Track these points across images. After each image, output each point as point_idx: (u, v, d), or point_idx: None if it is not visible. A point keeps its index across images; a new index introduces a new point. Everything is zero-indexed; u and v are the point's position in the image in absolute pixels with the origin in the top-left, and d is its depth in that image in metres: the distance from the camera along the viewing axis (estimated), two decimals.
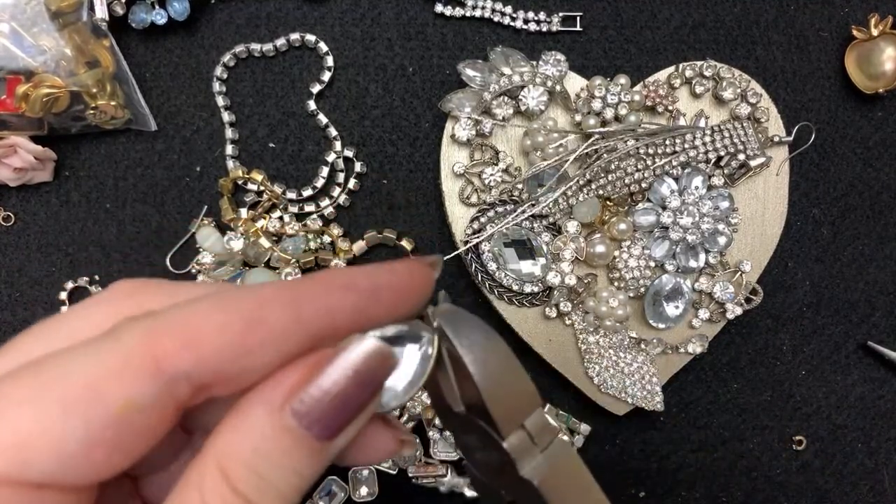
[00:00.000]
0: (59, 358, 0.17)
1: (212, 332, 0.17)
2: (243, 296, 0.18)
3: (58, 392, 0.17)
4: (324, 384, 0.18)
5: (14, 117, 0.44)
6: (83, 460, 0.17)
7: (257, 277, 0.45)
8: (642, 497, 0.49)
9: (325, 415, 0.18)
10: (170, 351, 0.17)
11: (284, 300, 0.18)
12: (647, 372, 0.46)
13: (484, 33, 0.48)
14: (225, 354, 0.18)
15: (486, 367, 0.21)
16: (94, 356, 0.17)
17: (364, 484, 0.46)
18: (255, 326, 0.18)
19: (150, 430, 0.18)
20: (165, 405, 0.17)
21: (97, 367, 0.17)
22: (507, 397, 0.22)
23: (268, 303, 0.18)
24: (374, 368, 0.19)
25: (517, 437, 0.22)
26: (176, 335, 0.17)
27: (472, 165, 0.45)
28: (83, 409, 0.16)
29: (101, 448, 0.17)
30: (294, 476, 0.18)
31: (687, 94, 0.46)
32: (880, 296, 0.49)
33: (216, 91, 0.47)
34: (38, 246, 0.47)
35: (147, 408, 0.17)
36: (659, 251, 0.45)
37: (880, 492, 0.49)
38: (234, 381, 0.18)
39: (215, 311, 0.18)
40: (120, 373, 0.17)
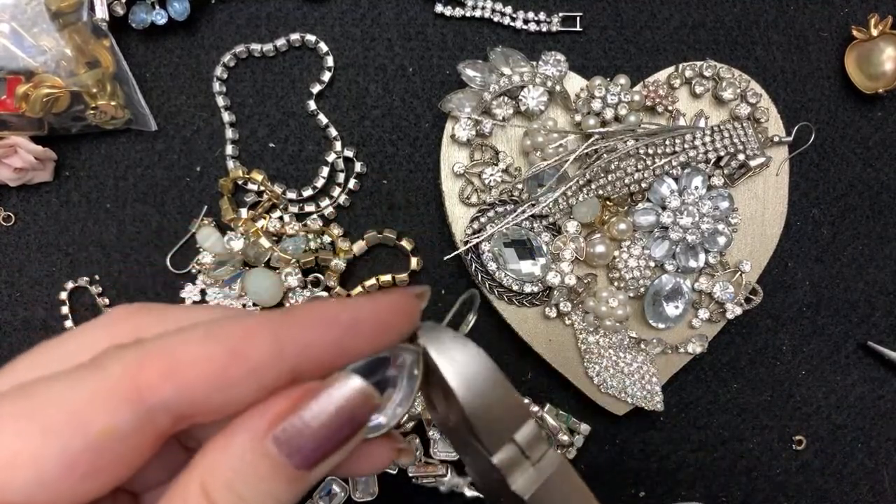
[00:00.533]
0: (45, 383, 0.18)
1: (194, 364, 0.18)
2: (227, 328, 0.19)
3: (39, 417, 0.17)
4: (306, 417, 0.19)
5: (14, 117, 0.44)
6: (61, 483, 0.17)
7: (257, 277, 0.45)
8: (642, 497, 0.49)
9: (305, 446, 0.19)
10: (151, 381, 0.18)
11: (267, 334, 0.19)
12: (646, 372, 0.46)
13: (484, 33, 0.48)
14: (206, 386, 0.18)
15: (468, 384, 0.21)
16: (77, 383, 0.18)
17: (364, 484, 0.46)
18: (237, 360, 0.18)
19: (130, 456, 0.18)
20: (145, 433, 0.18)
21: (80, 394, 0.17)
22: (492, 412, 0.22)
23: (250, 336, 0.19)
24: (356, 408, 0.20)
25: (507, 452, 0.22)
26: (158, 366, 0.18)
27: (472, 165, 0.45)
28: (62, 434, 0.17)
29: (78, 472, 0.17)
30: (271, 501, 0.19)
31: (687, 94, 0.46)
32: (880, 296, 0.49)
33: (216, 91, 0.47)
34: (38, 246, 0.47)
35: (126, 435, 0.18)
36: (659, 251, 0.45)
37: (880, 492, 0.49)
38: (216, 411, 0.19)
39: (199, 342, 0.18)
40: (102, 400, 0.17)
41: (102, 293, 0.47)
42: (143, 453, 0.19)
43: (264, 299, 0.46)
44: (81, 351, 0.20)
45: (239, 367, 0.18)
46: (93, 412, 0.17)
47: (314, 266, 0.47)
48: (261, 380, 0.19)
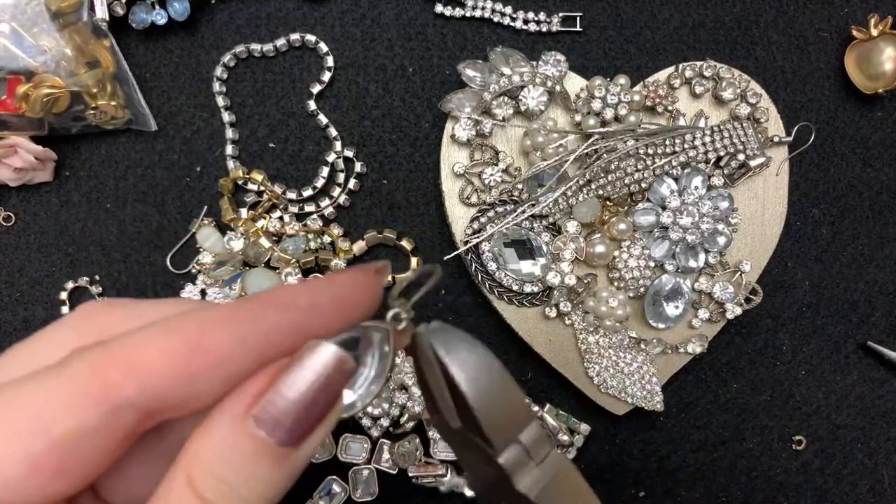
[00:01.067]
0: (10, 387, 0.18)
1: (154, 360, 0.18)
2: (186, 322, 0.19)
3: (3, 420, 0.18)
4: (284, 391, 0.19)
5: (14, 117, 0.44)
6: (27, 483, 0.17)
7: (257, 277, 0.45)
8: (642, 497, 0.49)
9: (286, 421, 0.19)
10: (113, 380, 0.18)
11: (225, 324, 0.19)
12: (646, 372, 0.46)
13: (484, 33, 0.48)
14: (169, 381, 0.18)
15: (477, 384, 0.22)
16: (41, 385, 0.18)
17: (364, 484, 0.46)
18: (198, 353, 0.18)
19: (98, 455, 0.18)
20: (111, 432, 0.18)
21: (44, 396, 0.18)
22: (499, 412, 0.22)
23: (208, 328, 0.19)
24: (331, 375, 0.19)
25: (512, 452, 0.23)
26: (119, 364, 0.18)
27: (472, 165, 0.45)
28: (26, 436, 0.17)
29: (45, 472, 0.17)
30: (258, 483, 0.19)
31: (687, 94, 0.46)
32: (880, 296, 0.49)
33: (216, 91, 0.47)
34: (38, 246, 0.47)
35: (92, 434, 0.18)
36: (659, 251, 0.45)
37: (880, 492, 0.49)
38: (184, 405, 0.19)
39: (159, 339, 0.18)
40: (65, 401, 0.18)
41: (102, 293, 0.47)
42: (112, 451, 0.19)
43: None
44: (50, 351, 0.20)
45: (200, 361, 0.18)
46: (57, 413, 0.18)
47: (314, 266, 0.47)
48: (225, 370, 0.19)
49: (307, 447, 0.20)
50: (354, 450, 0.46)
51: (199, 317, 0.19)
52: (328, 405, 0.20)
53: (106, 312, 0.21)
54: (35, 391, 0.18)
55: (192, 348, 0.18)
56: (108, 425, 0.18)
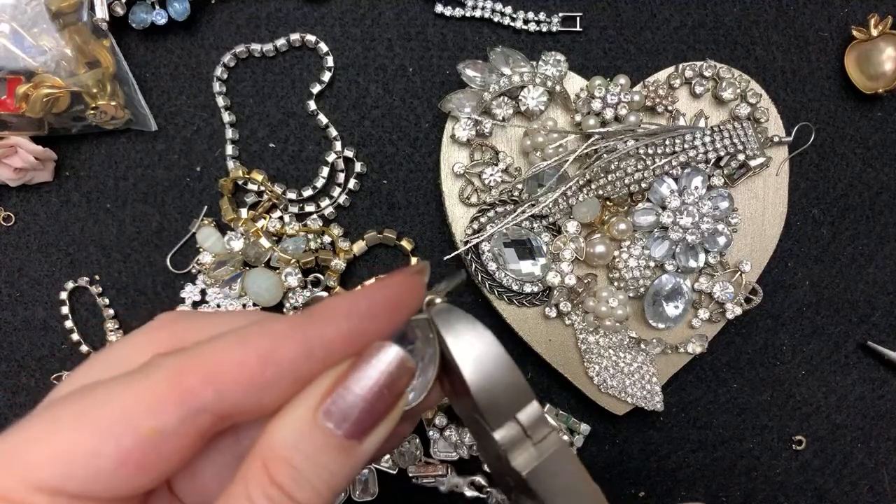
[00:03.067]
0: (100, 387, 0.20)
1: (230, 370, 0.20)
2: (258, 335, 0.21)
3: (95, 416, 0.20)
4: (353, 388, 0.21)
5: (14, 117, 0.44)
6: (114, 476, 0.19)
7: (257, 277, 0.45)
8: (642, 497, 0.49)
9: (353, 416, 0.21)
10: (193, 386, 0.20)
11: (296, 337, 0.21)
12: (646, 372, 0.46)
13: (484, 33, 0.48)
14: (242, 388, 0.20)
15: (474, 362, 0.23)
16: (128, 388, 0.20)
17: (364, 484, 0.46)
18: (269, 364, 0.20)
19: (176, 453, 0.20)
20: (188, 432, 0.20)
21: (130, 397, 0.20)
22: (496, 390, 0.23)
23: (281, 341, 0.21)
24: (395, 373, 0.21)
25: (508, 430, 0.23)
26: (198, 372, 0.20)
27: (472, 165, 0.45)
28: (115, 433, 0.19)
29: (129, 466, 0.19)
30: (326, 472, 0.20)
31: (687, 94, 0.46)
32: (880, 296, 0.49)
33: (216, 91, 0.47)
34: (38, 246, 0.47)
35: (172, 434, 0.20)
36: (659, 251, 0.45)
37: (880, 492, 0.49)
38: (255, 410, 0.21)
39: (234, 349, 0.20)
40: (149, 403, 0.20)
41: (102, 293, 0.47)
42: (188, 450, 0.20)
43: (264, 299, 0.46)
44: (129, 357, 0.22)
45: (271, 371, 0.20)
46: (142, 414, 0.19)
47: (314, 266, 0.47)
48: (293, 378, 0.21)
49: (371, 441, 0.21)
50: None
51: (271, 329, 0.21)
52: (393, 402, 0.21)
53: (178, 323, 0.24)
54: (123, 393, 0.20)
55: (265, 359, 0.20)
56: (186, 426, 0.20)
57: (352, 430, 0.21)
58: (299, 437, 0.20)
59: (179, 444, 0.20)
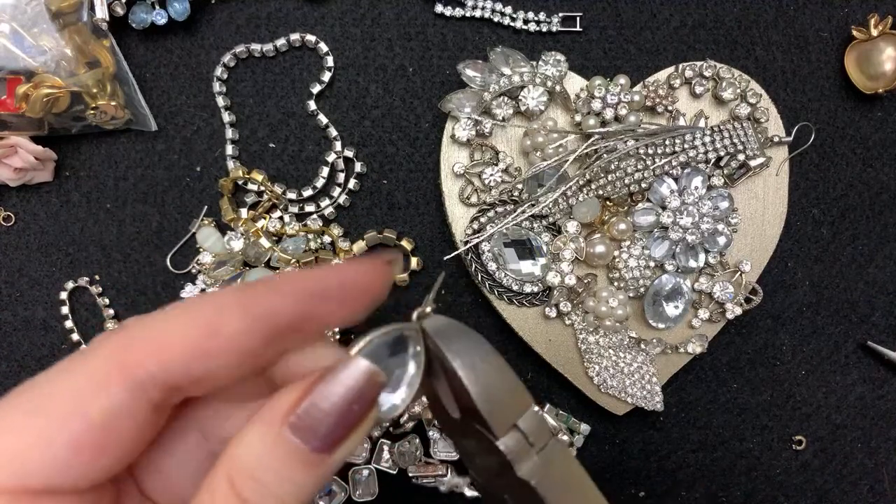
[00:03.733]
0: (41, 379, 0.20)
1: (173, 340, 0.20)
2: (201, 305, 0.21)
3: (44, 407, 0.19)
4: (317, 401, 0.20)
5: (14, 117, 0.44)
6: (72, 465, 0.19)
7: (257, 277, 0.45)
8: (642, 497, 0.49)
9: (320, 430, 0.20)
10: (136, 359, 0.20)
11: (237, 308, 0.20)
12: (646, 372, 0.46)
13: (484, 33, 0.48)
14: (187, 359, 0.20)
15: (475, 371, 0.22)
16: (73, 371, 0.20)
17: (364, 484, 0.46)
18: (212, 333, 0.20)
19: (132, 434, 0.20)
20: (140, 409, 0.20)
21: (77, 381, 0.19)
22: (498, 398, 0.23)
23: (222, 310, 0.20)
24: (363, 388, 0.21)
25: (512, 438, 0.23)
26: (140, 345, 0.20)
27: (472, 165, 0.45)
28: (64, 420, 0.19)
29: (87, 451, 0.19)
30: (292, 485, 0.20)
31: (687, 94, 0.46)
32: (880, 296, 0.49)
33: (216, 91, 0.47)
34: (38, 246, 0.47)
35: (123, 411, 0.19)
36: (659, 251, 0.45)
37: (880, 492, 0.49)
38: (202, 381, 0.20)
39: (177, 321, 0.20)
40: (96, 383, 0.19)
41: (102, 293, 0.47)
42: (145, 429, 0.20)
43: None
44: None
45: (214, 340, 0.20)
46: (89, 394, 0.19)
47: (314, 266, 0.47)
48: (237, 348, 0.20)
49: (339, 454, 0.21)
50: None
51: (215, 300, 0.21)
52: (360, 416, 0.21)
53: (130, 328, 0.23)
54: (68, 378, 0.20)
55: (207, 329, 0.20)
56: (137, 401, 0.20)
57: (319, 444, 0.20)
58: (264, 451, 0.20)
59: (134, 423, 0.20)
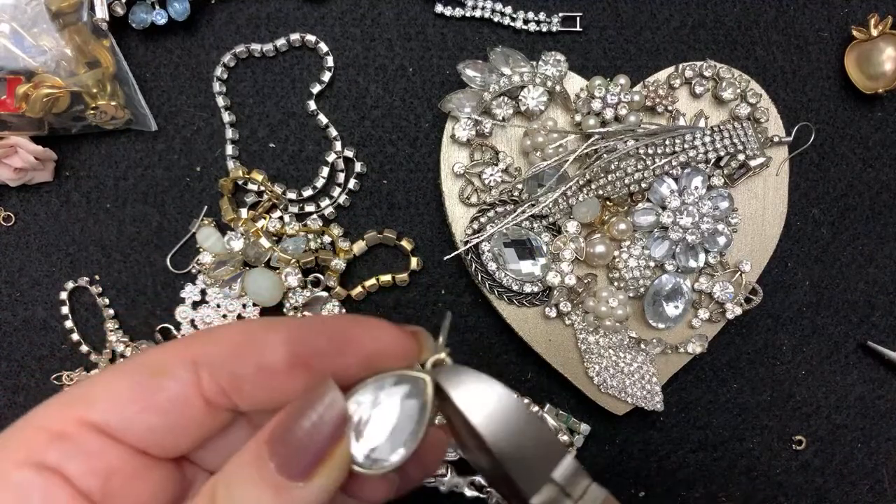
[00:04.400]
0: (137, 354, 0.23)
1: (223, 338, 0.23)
2: (252, 322, 0.24)
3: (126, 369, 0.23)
4: (288, 425, 0.21)
5: (14, 117, 0.44)
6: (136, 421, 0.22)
7: (257, 277, 0.45)
8: (642, 497, 0.49)
9: (290, 453, 0.21)
10: (196, 351, 0.22)
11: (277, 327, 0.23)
12: (646, 372, 0.46)
13: (484, 33, 0.48)
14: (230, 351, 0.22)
15: (496, 426, 0.21)
16: (155, 350, 0.23)
17: None
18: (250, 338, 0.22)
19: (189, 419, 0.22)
20: (195, 391, 0.22)
21: (155, 355, 0.23)
22: (524, 452, 0.21)
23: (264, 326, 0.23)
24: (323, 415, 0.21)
25: (547, 493, 0.21)
26: (202, 338, 0.23)
27: (472, 165, 0.45)
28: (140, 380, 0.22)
29: (150, 414, 0.22)
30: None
31: (687, 94, 0.46)
32: (880, 296, 0.49)
33: (216, 91, 0.47)
34: (38, 246, 0.47)
35: (189, 392, 0.22)
36: (659, 251, 0.45)
37: (880, 491, 0.49)
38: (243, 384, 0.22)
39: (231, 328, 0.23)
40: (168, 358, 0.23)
41: (102, 293, 0.47)
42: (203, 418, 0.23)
43: (264, 299, 0.46)
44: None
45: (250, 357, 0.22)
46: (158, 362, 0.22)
47: (314, 266, 0.47)
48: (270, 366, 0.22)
49: (313, 486, 0.21)
50: None
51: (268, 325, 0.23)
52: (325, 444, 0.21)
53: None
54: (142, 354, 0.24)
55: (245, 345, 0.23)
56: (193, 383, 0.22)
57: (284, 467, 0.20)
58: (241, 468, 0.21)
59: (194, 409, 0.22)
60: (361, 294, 0.47)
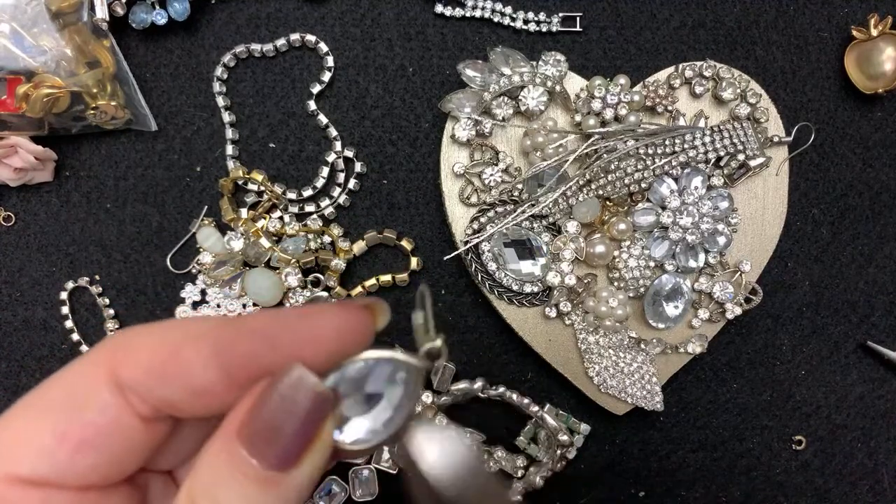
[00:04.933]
0: (47, 381, 0.21)
1: (140, 357, 0.20)
2: (172, 330, 0.21)
3: (34, 405, 0.20)
4: (261, 413, 0.19)
5: (15, 117, 0.44)
6: (60, 457, 0.19)
7: (257, 277, 0.45)
8: (642, 497, 0.49)
9: (269, 444, 0.19)
10: (118, 368, 0.20)
11: (200, 339, 0.20)
12: (646, 372, 0.46)
13: (484, 33, 0.48)
14: (151, 378, 0.20)
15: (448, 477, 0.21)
16: (67, 374, 0.21)
17: (364, 484, 0.46)
18: (174, 358, 0.20)
19: (125, 441, 0.20)
20: (128, 415, 0.20)
21: (67, 380, 0.20)
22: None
23: (188, 340, 0.20)
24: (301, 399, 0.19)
25: None
26: (123, 354, 0.20)
27: (472, 165, 0.45)
28: (54, 414, 0.20)
29: (72, 446, 0.19)
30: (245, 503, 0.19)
31: (687, 94, 0.46)
32: (880, 296, 0.49)
33: (216, 91, 0.47)
34: (38, 246, 0.47)
35: (109, 413, 0.20)
36: (659, 251, 0.45)
37: (880, 491, 0.49)
38: (174, 406, 0.20)
39: (150, 337, 0.21)
40: (84, 383, 0.20)
41: (102, 293, 0.47)
42: (138, 437, 0.21)
43: (264, 299, 0.46)
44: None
45: (174, 365, 0.20)
46: (78, 394, 0.20)
47: (314, 266, 0.47)
48: (197, 378, 0.20)
49: (297, 474, 0.19)
50: None
51: (185, 327, 0.21)
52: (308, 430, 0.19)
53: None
54: (64, 379, 0.21)
55: (170, 353, 0.20)
56: (122, 407, 0.20)
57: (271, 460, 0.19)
58: (219, 468, 0.19)
59: (122, 430, 0.20)
60: (361, 294, 0.47)
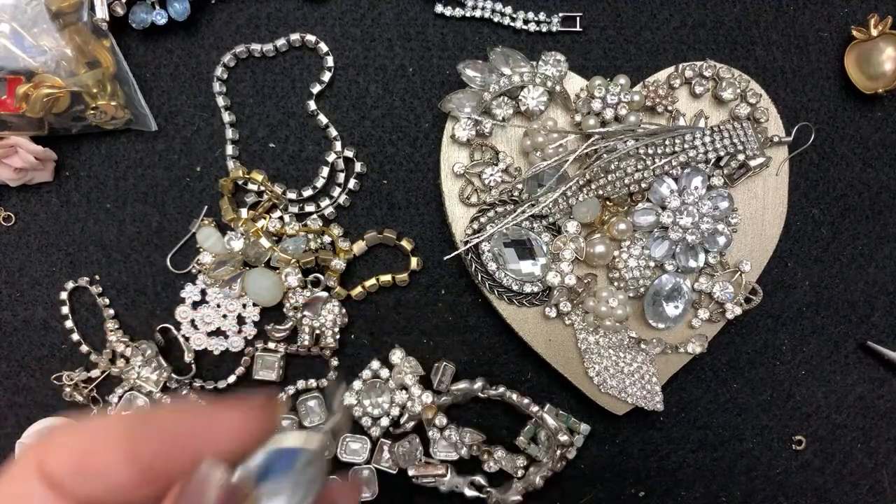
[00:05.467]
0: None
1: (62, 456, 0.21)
2: (88, 431, 0.22)
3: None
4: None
5: (15, 117, 0.44)
6: None
7: (257, 277, 0.45)
8: (642, 497, 0.49)
9: None
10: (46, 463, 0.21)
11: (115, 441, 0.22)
12: (646, 372, 0.46)
13: (484, 33, 0.48)
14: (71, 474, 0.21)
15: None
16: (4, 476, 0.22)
17: (364, 484, 0.46)
18: (92, 458, 0.21)
19: None
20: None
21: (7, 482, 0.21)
22: None
23: (103, 441, 0.22)
24: (210, 494, 0.21)
25: None
26: (49, 452, 0.21)
27: (472, 165, 0.45)
28: None
29: None
30: None
31: (687, 94, 0.46)
32: (880, 296, 0.49)
33: (216, 91, 0.47)
34: (38, 246, 0.47)
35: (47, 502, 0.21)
36: (659, 251, 0.45)
37: (880, 491, 0.49)
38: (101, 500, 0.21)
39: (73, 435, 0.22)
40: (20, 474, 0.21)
41: (102, 293, 0.47)
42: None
43: (264, 299, 0.46)
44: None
45: (90, 464, 0.21)
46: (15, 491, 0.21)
47: (314, 266, 0.47)
48: (112, 478, 0.21)
49: None
50: (354, 449, 0.46)
51: (100, 425, 0.22)
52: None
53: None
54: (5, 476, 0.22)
55: (85, 452, 0.21)
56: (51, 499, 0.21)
57: None
58: None
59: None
60: (361, 294, 0.47)
